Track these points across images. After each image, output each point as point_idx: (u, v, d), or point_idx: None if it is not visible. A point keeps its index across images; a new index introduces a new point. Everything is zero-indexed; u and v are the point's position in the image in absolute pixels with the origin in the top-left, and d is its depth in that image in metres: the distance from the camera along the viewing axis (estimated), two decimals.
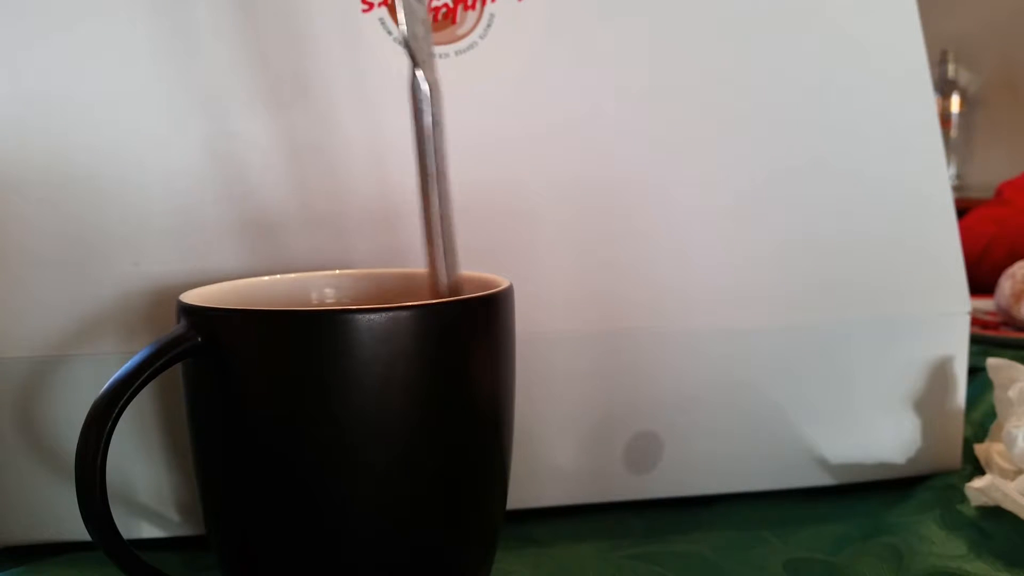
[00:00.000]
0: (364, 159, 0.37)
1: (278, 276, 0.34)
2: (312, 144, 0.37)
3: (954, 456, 0.42)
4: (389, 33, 0.38)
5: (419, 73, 0.29)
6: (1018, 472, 0.37)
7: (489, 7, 0.38)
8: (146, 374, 0.26)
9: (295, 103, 0.37)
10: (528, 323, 0.34)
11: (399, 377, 0.27)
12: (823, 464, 0.40)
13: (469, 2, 0.38)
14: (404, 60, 0.37)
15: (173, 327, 0.28)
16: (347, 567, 0.27)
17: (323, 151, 0.37)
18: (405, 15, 0.29)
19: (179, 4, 0.36)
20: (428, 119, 0.30)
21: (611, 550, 0.36)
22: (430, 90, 0.30)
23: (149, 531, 0.36)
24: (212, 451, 0.29)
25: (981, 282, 0.67)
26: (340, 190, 0.37)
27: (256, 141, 0.36)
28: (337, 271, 0.35)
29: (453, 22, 0.38)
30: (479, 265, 0.34)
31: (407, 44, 0.29)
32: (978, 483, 0.37)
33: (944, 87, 2.08)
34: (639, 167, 0.38)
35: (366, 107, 0.37)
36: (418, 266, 0.36)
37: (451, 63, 0.38)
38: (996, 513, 0.36)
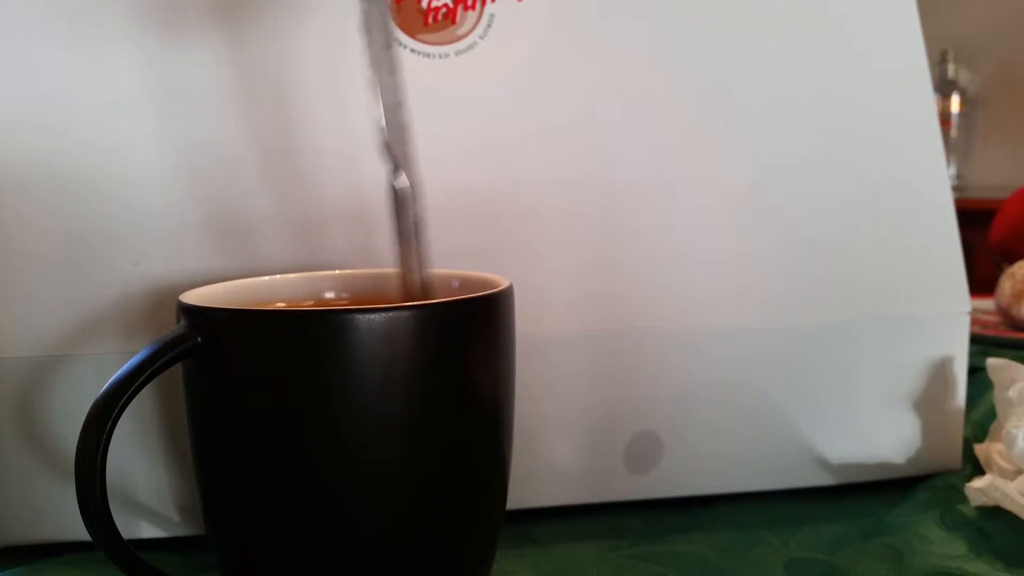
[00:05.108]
0: (369, 158, 0.37)
1: (278, 276, 0.34)
2: (313, 144, 0.37)
3: (954, 456, 0.42)
4: None
5: (401, 178, 0.30)
6: (1018, 472, 0.37)
7: (489, 7, 0.38)
8: (146, 374, 0.26)
9: (295, 103, 0.37)
10: (528, 323, 0.34)
11: (399, 377, 0.27)
12: (823, 464, 0.40)
13: (469, 2, 0.38)
14: (406, 63, 0.38)
15: (173, 327, 0.28)
16: (347, 567, 0.27)
17: (324, 151, 0.37)
18: (386, 119, 0.30)
19: (177, 6, 0.36)
20: (410, 220, 0.31)
21: (611, 550, 0.36)
22: (411, 191, 0.31)
23: (149, 531, 0.36)
24: (212, 451, 0.29)
25: None
26: (342, 191, 0.37)
27: (256, 142, 0.36)
28: (337, 271, 0.35)
29: (453, 22, 0.38)
30: (479, 265, 0.34)
31: (388, 149, 0.30)
32: (978, 483, 0.37)
33: (944, 87, 2.08)
34: (639, 167, 0.38)
35: (366, 107, 0.37)
36: None
37: (451, 63, 0.38)
38: (996, 513, 0.36)
